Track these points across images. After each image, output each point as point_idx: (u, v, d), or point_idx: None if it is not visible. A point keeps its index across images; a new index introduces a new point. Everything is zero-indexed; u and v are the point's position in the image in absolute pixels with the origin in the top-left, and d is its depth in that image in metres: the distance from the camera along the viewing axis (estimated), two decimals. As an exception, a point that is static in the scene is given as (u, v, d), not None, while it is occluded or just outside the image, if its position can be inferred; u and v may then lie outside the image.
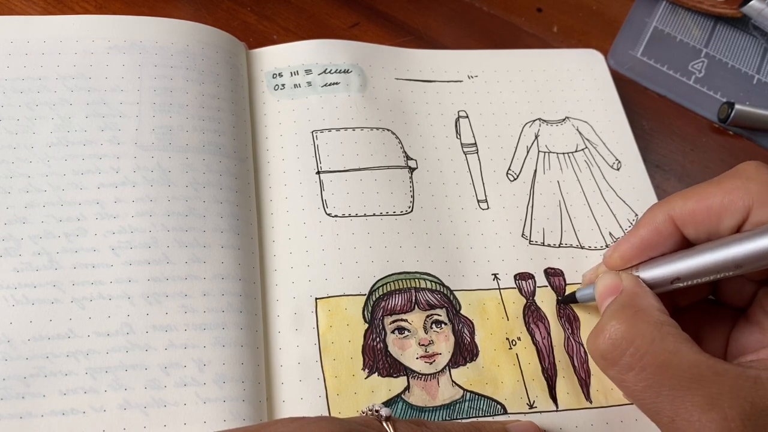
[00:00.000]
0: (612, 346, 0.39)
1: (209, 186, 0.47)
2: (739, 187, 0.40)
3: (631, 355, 0.38)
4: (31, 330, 0.41)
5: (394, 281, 0.47)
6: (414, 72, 0.57)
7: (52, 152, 0.47)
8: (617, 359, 0.39)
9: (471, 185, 0.53)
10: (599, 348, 0.40)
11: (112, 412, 0.40)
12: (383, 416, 0.38)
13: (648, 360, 0.38)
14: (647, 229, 0.43)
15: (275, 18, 0.60)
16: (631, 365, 0.38)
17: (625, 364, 0.39)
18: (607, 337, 0.40)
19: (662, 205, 0.43)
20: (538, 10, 0.66)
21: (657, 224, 0.43)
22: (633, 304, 0.41)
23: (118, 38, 0.51)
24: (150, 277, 0.43)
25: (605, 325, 0.40)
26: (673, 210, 0.42)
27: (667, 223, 0.43)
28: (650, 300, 0.41)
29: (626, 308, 0.41)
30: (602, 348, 0.40)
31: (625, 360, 0.39)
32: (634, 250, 0.44)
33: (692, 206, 0.42)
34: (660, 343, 0.38)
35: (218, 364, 0.42)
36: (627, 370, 0.39)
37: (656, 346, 0.38)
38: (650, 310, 0.40)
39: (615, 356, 0.39)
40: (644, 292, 0.42)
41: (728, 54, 0.65)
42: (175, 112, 0.49)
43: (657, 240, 0.43)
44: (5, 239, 0.43)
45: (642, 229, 0.44)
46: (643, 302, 0.41)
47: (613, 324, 0.40)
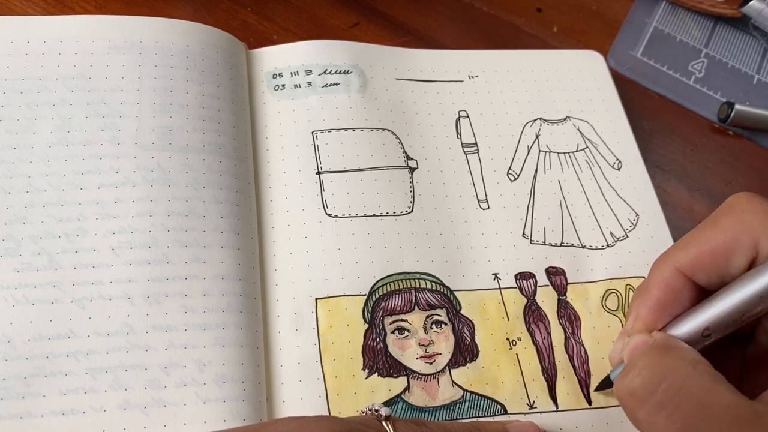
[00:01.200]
0: (642, 382, 0.37)
1: (209, 186, 0.47)
2: (736, 223, 0.39)
3: (664, 392, 0.35)
4: (31, 330, 0.41)
5: (394, 281, 0.47)
6: (414, 72, 0.57)
7: (52, 152, 0.47)
8: (648, 397, 0.36)
9: (471, 185, 0.53)
10: (628, 385, 0.37)
11: (112, 412, 0.40)
12: (383, 416, 0.38)
13: (683, 397, 0.35)
14: (659, 287, 0.41)
15: (275, 18, 0.60)
16: (664, 403, 0.35)
17: (657, 402, 0.36)
18: (637, 373, 0.37)
19: (665, 260, 0.42)
20: (538, 10, 0.66)
21: (666, 280, 0.41)
22: (664, 344, 0.39)
23: (118, 38, 0.51)
24: (150, 277, 0.43)
25: (635, 362, 0.38)
26: (677, 262, 0.41)
27: (675, 277, 0.41)
28: (682, 344, 0.39)
29: (657, 348, 0.39)
30: (632, 385, 0.37)
31: (656, 398, 0.36)
32: (653, 313, 0.41)
33: (695, 253, 0.40)
34: (696, 379, 0.35)
35: (218, 364, 0.42)
36: (659, 409, 0.35)
37: (692, 382, 0.35)
38: (683, 348, 0.38)
39: (645, 394, 0.36)
40: (675, 339, 0.40)
41: (728, 54, 0.65)
42: (175, 112, 0.49)
43: (672, 296, 0.41)
44: (5, 239, 0.43)
45: (653, 289, 0.42)
46: (675, 343, 0.39)
47: (643, 360, 0.38)
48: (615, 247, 0.51)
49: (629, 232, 0.52)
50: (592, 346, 0.47)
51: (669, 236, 0.52)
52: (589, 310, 0.49)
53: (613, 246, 0.52)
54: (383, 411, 0.38)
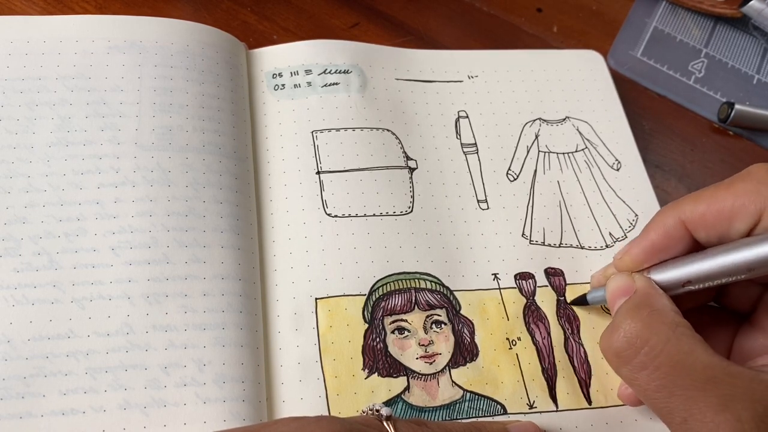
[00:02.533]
0: (627, 344, 0.40)
1: (209, 186, 0.47)
2: (750, 190, 0.40)
3: (646, 354, 0.39)
4: (31, 330, 0.41)
5: (394, 281, 0.47)
6: (414, 72, 0.57)
7: (52, 152, 0.47)
8: (631, 358, 0.39)
9: (471, 185, 0.53)
10: (613, 346, 0.40)
11: (112, 412, 0.40)
12: (384, 416, 0.38)
13: (662, 359, 0.38)
14: (658, 232, 0.43)
15: (275, 18, 0.60)
16: (645, 364, 0.39)
17: (639, 362, 0.39)
18: (622, 336, 0.40)
19: (672, 208, 0.43)
20: (538, 10, 0.66)
21: (667, 228, 0.43)
22: (648, 304, 0.41)
23: (118, 38, 0.51)
24: (150, 277, 0.43)
25: (620, 323, 0.40)
26: (683, 213, 0.42)
27: (677, 227, 0.42)
28: (664, 301, 0.41)
29: (641, 308, 0.41)
30: (616, 346, 0.40)
31: (639, 359, 0.39)
32: (644, 253, 0.44)
33: (703, 209, 0.41)
34: (675, 343, 0.38)
35: (218, 364, 0.42)
36: (640, 368, 0.39)
37: (671, 346, 0.38)
38: (665, 310, 0.40)
39: (629, 355, 0.39)
40: (658, 293, 0.42)
41: (728, 54, 0.65)
42: (175, 112, 0.49)
43: (667, 243, 0.43)
44: (5, 239, 0.43)
45: (652, 232, 0.43)
46: (658, 303, 0.41)
47: (628, 322, 0.40)
48: (614, 248, 0.51)
49: (628, 232, 0.52)
50: (591, 346, 0.47)
51: (669, 236, 0.52)
52: (588, 310, 0.49)
53: (612, 246, 0.52)
54: (384, 411, 0.38)
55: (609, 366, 0.46)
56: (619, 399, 0.46)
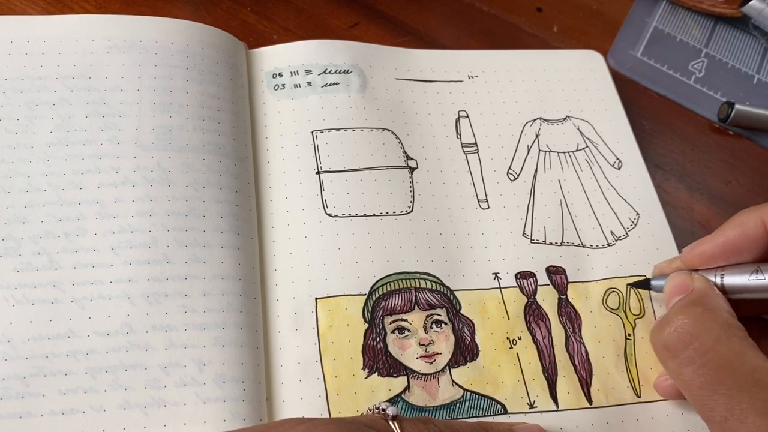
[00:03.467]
0: (677, 338, 0.40)
1: (209, 186, 0.47)
2: None
3: (695, 350, 0.39)
4: (31, 330, 0.41)
5: (394, 281, 0.47)
6: (414, 72, 0.57)
7: (52, 152, 0.46)
8: (680, 352, 0.40)
9: (471, 185, 0.53)
10: (663, 339, 0.41)
11: (112, 411, 0.40)
12: (390, 415, 0.38)
13: (710, 356, 0.38)
14: (735, 231, 0.43)
15: (275, 18, 0.60)
16: (693, 359, 0.39)
17: (687, 357, 0.39)
18: (673, 329, 0.41)
19: (757, 209, 0.43)
20: (538, 10, 0.66)
21: (746, 227, 0.43)
22: (703, 302, 0.41)
23: (117, 38, 0.51)
24: (150, 276, 0.43)
25: (672, 317, 0.41)
26: (766, 214, 0.42)
27: (757, 228, 0.42)
28: (720, 302, 0.41)
29: (696, 305, 0.41)
30: (666, 339, 0.41)
31: (687, 354, 0.39)
32: (716, 250, 0.44)
33: None
34: (725, 342, 0.38)
35: (218, 364, 0.42)
36: (688, 363, 0.39)
37: (721, 344, 0.38)
38: (720, 311, 0.41)
39: (678, 349, 0.40)
40: (715, 294, 0.42)
41: (728, 54, 0.65)
42: (175, 111, 0.49)
43: (743, 243, 0.43)
44: (5, 239, 0.43)
45: (730, 230, 0.43)
46: (713, 302, 0.41)
47: (681, 317, 0.41)
48: (615, 246, 0.51)
49: (630, 231, 0.52)
50: (592, 345, 0.47)
51: (670, 235, 0.52)
52: (589, 309, 0.49)
53: (614, 245, 0.51)
54: (390, 410, 0.38)
55: (610, 365, 0.46)
56: (655, 389, 0.46)
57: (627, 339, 0.48)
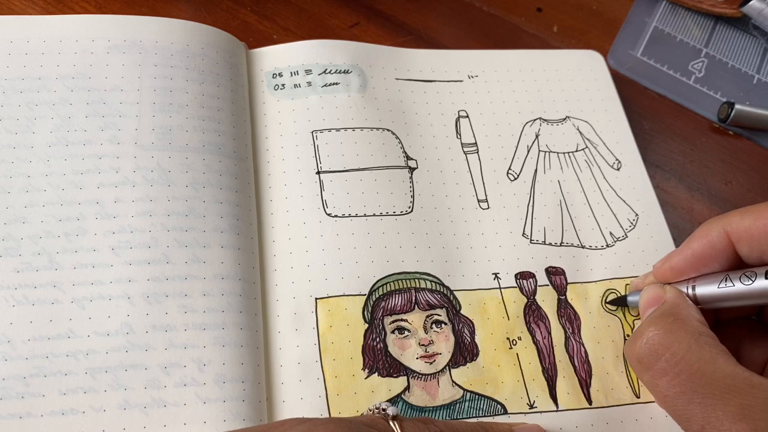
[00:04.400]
0: (648, 350, 0.40)
1: (209, 186, 0.47)
2: None
3: (667, 361, 0.39)
4: (31, 330, 0.41)
5: (394, 281, 0.47)
6: (414, 72, 0.57)
7: (52, 152, 0.46)
8: (652, 364, 0.40)
9: (471, 185, 0.53)
10: (636, 352, 0.41)
11: (111, 412, 0.40)
12: (390, 415, 0.38)
13: (682, 366, 0.39)
14: (701, 242, 0.43)
15: (275, 18, 0.60)
16: (665, 370, 0.39)
17: (660, 369, 0.40)
18: (645, 342, 0.41)
19: (719, 219, 0.43)
20: (538, 10, 0.66)
21: (711, 238, 0.43)
22: (673, 313, 0.41)
23: (117, 38, 0.51)
24: (150, 276, 0.43)
25: (644, 330, 0.41)
26: (729, 225, 0.42)
27: (721, 238, 0.42)
28: (691, 311, 0.42)
29: (665, 316, 0.41)
30: (639, 352, 0.41)
31: (660, 365, 0.40)
32: (685, 263, 0.44)
33: (749, 223, 0.41)
34: (696, 351, 0.39)
35: (218, 364, 0.42)
36: (661, 375, 0.39)
37: (692, 353, 0.39)
38: (689, 320, 0.41)
39: (650, 361, 0.40)
40: (686, 304, 0.42)
41: (728, 54, 0.65)
42: (175, 111, 0.49)
43: (710, 254, 0.43)
44: (5, 239, 0.43)
45: (695, 242, 0.44)
46: (683, 312, 0.42)
47: (651, 329, 0.41)
48: (615, 247, 0.51)
49: (629, 232, 0.52)
50: (592, 346, 0.47)
51: (669, 236, 0.52)
52: (589, 309, 0.49)
53: (613, 246, 0.52)
54: (390, 410, 0.38)
55: (609, 366, 0.46)
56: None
57: (626, 340, 0.48)
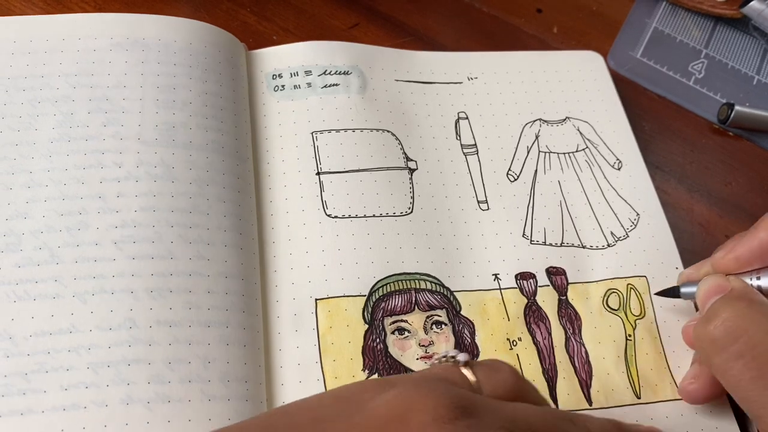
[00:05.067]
0: (725, 331, 0.39)
1: (212, 184, 0.47)
2: None
3: (744, 343, 0.38)
4: (33, 326, 0.41)
5: (394, 282, 0.47)
6: (414, 73, 0.57)
7: (54, 148, 0.46)
8: (728, 345, 0.39)
9: (471, 186, 0.53)
10: (710, 333, 0.40)
11: (114, 407, 0.39)
12: (461, 362, 0.36)
13: (761, 350, 0.38)
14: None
15: (275, 19, 0.60)
16: (742, 353, 0.38)
17: (736, 351, 0.38)
18: (720, 323, 0.39)
19: None
20: (538, 11, 0.66)
21: None
22: (747, 297, 0.41)
23: (120, 36, 0.51)
24: (154, 271, 0.43)
25: (718, 312, 0.40)
26: None
27: None
28: (763, 298, 0.41)
29: (740, 299, 0.40)
30: (713, 333, 0.40)
31: (736, 347, 0.38)
32: (752, 253, 0.43)
33: None
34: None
35: (223, 362, 0.42)
36: (737, 357, 0.38)
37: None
38: (765, 305, 0.40)
39: (726, 342, 0.39)
40: (755, 291, 0.42)
41: (728, 55, 0.65)
42: (178, 109, 0.49)
43: None
44: (6, 235, 0.43)
45: (762, 232, 0.43)
46: (758, 297, 0.41)
47: (727, 311, 0.40)
48: (615, 247, 0.51)
49: (630, 231, 0.52)
50: (593, 346, 0.47)
51: (670, 236, 0.52)
52: (590, 309, 0.49)
53: (614, 246, 0.52)
54: (461, 357, 0.36)
55: (610, 366, 0.46)
56: (680, 394, 0.45)
57: (627, 340, 0.48)
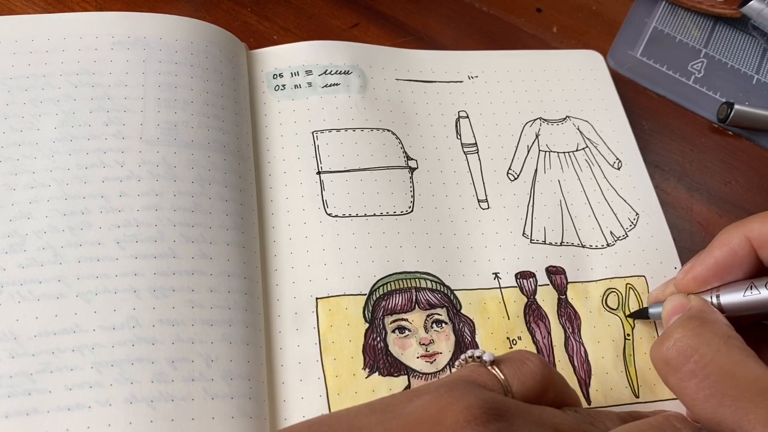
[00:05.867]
0: (677, 352, 0.40)
1: (214, 183, 0.47)
2: None
3: (695, 363, 0.39)
4: (37, 326, 0.41)
5: (395, 281, 0.47)
6: (414, 72, 0.57)
7: (56, 147, 0.46)
8: (681, 366, 0.39)
9: (471, 185, 0.53)
10: (663, 354, 0.41)
11: (118, 406, 0.39)
12: (487, 362, 0.38)
13: (712, 368, 0.38)
14: (722, 250, 0.43)
15: (275, 18, 0.60)
16: (694, 372, 0.39)
17: (689, 371, 0.39)
18: (672, 344, 0.40)
19: (738, 226, 0.43)
20: (537, 11, 0.66)
21: (733, 245, 0.43)
22: (700, 317, 0.41)
23: (122, 34, 0.51)
24: (156, 270, 0.43)
25: (671, 333, 0.41)
26: (750, 231, 0.42)
27: (743, 245, 0.42)
28: (718, 316, 0.42)
29: (693, 319, 0.41)
30: (666, 354, 0.40)
31: (688, 367, 0.39)
32: (708, 272, 0.44)
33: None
34: (726, 353, 0.38)
35: (225, 360, 0.42)
36: (690, 377, 0.39)
37: (722, 355, 0.38)
38: (718, 323, 0.41)
39: (679, 363, 0.40)
40: (711, 309, 0.42)
41: (727, 54, 0.65)
42: (180, 108, 0.49)
43: (732, 262, 0.43)
44: (10, 235, 0.43)
45: (717, 250, 0.43)
46: (711, 316, 0.41)
47: (679, 332, 0.40)
48: (615, 247, 0.52)
49: (629, 231, 0.52)
50: (592, 346, 0.48)
51: (669, 235, 0.52)
52: (589, 309, 0.49)
53: (614, 245, 0.52)
54: (486, 356, 0.38)
55: (609, 366, 0.46)
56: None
57: (626, 339, 0.48)
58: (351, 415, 0.35)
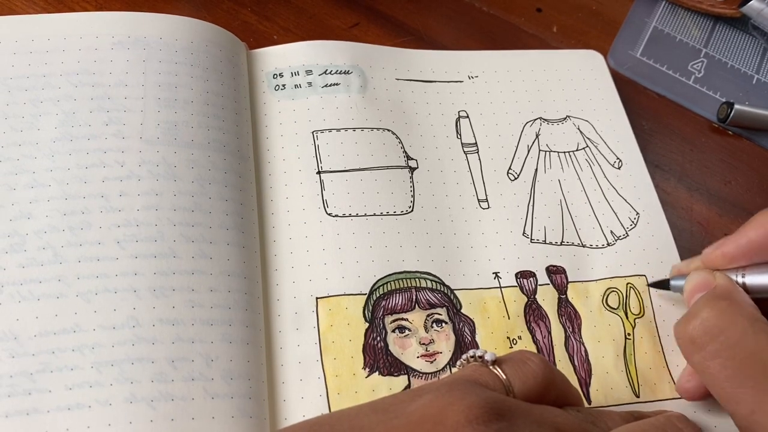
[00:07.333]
0: (703, 331, 0.40)
1: (215, 183, 0.47)
2: None
3: (721, 343, 0.39)
4: (37, 326, 0.41)
5: (395, 281, 0.47)
6: (414, 72, 0.57)
7: (57, 147, 0.46)
8: (706, 345, 0.40)
9: (471, 185, 0.53)
10: (689, 332, 0.41)
11: (118, 405, 0.39)
12: (489, 361, 0.38)
13: (737, 350, 0.39)
14: (758, 231, 0.43)
15: (275, 18, 0.60)
16: (719, 352, 0.39)
17: (714, 350, 0.39)
18: (699, 323, 0.41)
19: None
20: (537, 11, 0.66)
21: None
22: (728, 296, 0.41)
23: (122, 34, 0.51)
24: (156, 270, 0.43)
25: (698, 311, 0.41)
26: None
27: None
28: (745, 297, 0.42)
29: (721, 299, 0.41)
30: (692, 333, 0.41)
31: (713, 347, 0.39)
32: (739, 250, 0.44)
33: None
34: (752, 335, 0.39)
35: (225, 360, 0.42)
36: (714, 356, 0.39)
37: (748, 337, 0.39)
38: (745, 304, 0.41)
39: (704, 342, 0.40)
40: (738, 289, 0.42)
41: (728, 54, 0.65)
42: (180, 107, 0.49)
43: (764, 243, 0.43)
44: (11, 235, 0.43)
45: (752, 231, 0.44)
46: (738, 297, 0.41)
47: (706, 311, 0.41)
48: (615, 246, 0.52)
49: (630, 230, 0.52)
50: (592, 345, 0.48)
51: (670, 235, 0.52)
52: (589, 308, 0.49)
53: (614, 245, 0.52)
54: (488, 356, 0.38)
55: (609, 365, 0.46)
56: (677, 392, 0.46)
57: (626, 339, 0.48)
58: (352, 414, 0.35)
